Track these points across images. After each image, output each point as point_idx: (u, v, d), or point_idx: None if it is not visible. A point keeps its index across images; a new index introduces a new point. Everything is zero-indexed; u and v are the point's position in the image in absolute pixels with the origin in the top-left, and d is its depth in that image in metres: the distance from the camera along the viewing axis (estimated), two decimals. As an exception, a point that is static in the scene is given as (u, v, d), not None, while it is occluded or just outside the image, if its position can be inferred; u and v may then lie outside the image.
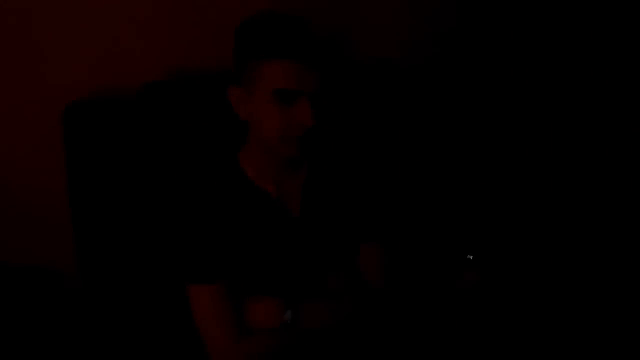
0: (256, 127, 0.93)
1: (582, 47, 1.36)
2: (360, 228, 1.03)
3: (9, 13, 1.01)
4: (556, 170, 1.39)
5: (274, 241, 0.97)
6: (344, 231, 1.02)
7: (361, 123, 1.25)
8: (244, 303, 0.93)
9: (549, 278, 1.21)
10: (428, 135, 1.39)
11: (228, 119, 0.97)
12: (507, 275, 1.21)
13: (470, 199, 1.40)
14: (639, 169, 1.27)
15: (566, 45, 1.38)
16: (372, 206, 1.04)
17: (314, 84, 0.88)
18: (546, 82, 1.42)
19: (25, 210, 1.12)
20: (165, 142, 1.07)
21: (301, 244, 0.98)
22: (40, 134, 1.08)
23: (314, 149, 0.99)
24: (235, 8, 1.09)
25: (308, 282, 0.98)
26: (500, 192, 1.43)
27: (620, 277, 1.20)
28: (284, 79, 0.86)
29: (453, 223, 1.35)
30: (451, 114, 1.43)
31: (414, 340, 1.02)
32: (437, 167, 1.40)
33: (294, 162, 0.99)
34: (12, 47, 1.03)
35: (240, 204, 0.96)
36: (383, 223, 1.05)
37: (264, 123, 0.90)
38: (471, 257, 1.28)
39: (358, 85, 1.26)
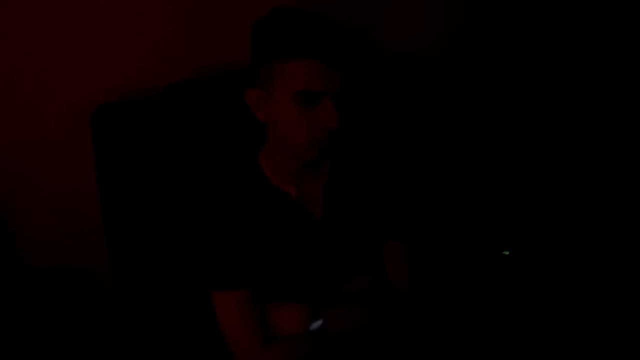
0: (277, 129, 0.90)
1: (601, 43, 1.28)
2: (385, 227, 1.00)
3: (37, 19, 1.03)
4: (599, 164, 1.32)
5: (297, 244, 0.96)
6: (368, 231, 0.99)
7: (382, 120, 1.21)
8: (268, 309, 0.93)
9: (588, 278, 1.15)
10: (458, 128, 1.34)
11: (250, 120, 0.95)
12: (543, 274, 1.16)
13: (505, 192, 1.35)
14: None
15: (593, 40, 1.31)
16: (397, 204, 1.01)
17: (337, 84, 0.84)
18: (572, 77, 1.34)
19: (58, 211, 1.15)
20: (190, 143, 1.08)
21: (324, 246, 0.97)
22: (70, 136, 1.11)
23: (336, 148, 0.97)
24: (258, 4, 1.07)
25: (332, 286, 0.97)
26: (535, 185, 1.37)
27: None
28: (306, 79, 0.83)
29: (486, 217, 1.31)
30: (479, 108, 1.38)
31: (441, 344, 1.00)
32: (467, 161, 1.35)
33: (315, 163, 0.96)
34: (40, 53, 1.05)
35: (262, 208, 0.95)
36: (408, 220, 1.02)
37: (286, 126, 0.88)
38: (507, 252, 1.23)
39: (378, 81, 1.23)
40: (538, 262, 1.20)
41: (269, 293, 0.94)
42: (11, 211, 1.12)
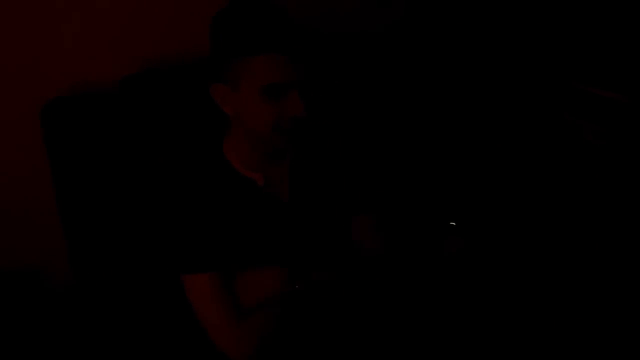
0: (244, 122, 0.92)
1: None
2: (351, 201, 1.05)
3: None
4: (539, 133, 1.43)
5: (265, 227, 0.98)
6: (335, 208, 1.04)
7: (340, 100, 1.26)
8: (245, 274, 0.95)
9: (535, 245, 1.26)
10: (411, 105, 1.41)
11: (211, 109, 0.95)
12: (491, 241, 1.26)
13: (454, 167, 1.44)
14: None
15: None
16: (360, 179, 1.06)
17: (301, 74, 0.87)
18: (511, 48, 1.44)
19: (10, 214, 1.11)
20: (149, 136, 1.07)
21: (293, 227, 1.00)
22: (20, 134, 1.07)
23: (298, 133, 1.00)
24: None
25: (302, 263, 1.00)
26: (483, 158, 1.47)
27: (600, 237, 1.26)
28: (272, 73, 0.85)
29: (436, 191, 1.39)
30: (433, 83, 1.44)
31: (407, 306, 1.06)
32: (420, 136, 1.42)
33: (280, 149, 0.99)
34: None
35: (228, 194, 0.96)
36: (372, 193, 1.07)
37: (254, 118, 0.89)
38: (454, 223, 1.33)
39: (334, 59, 1.27)
40: (483, 231, 1.30)
41: (241, 272, 0.95)
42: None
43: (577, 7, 1.37)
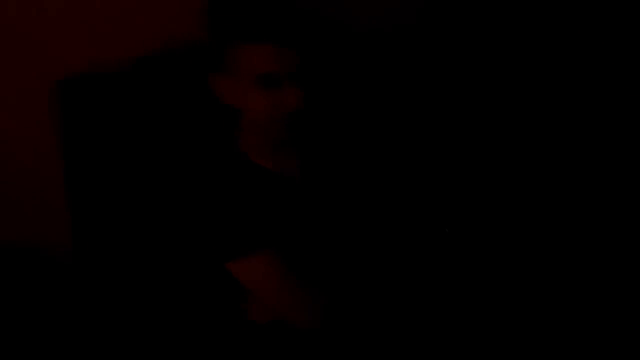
0: (244, 111, 0.92)
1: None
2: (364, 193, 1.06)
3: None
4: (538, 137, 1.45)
5: (286, 217, 0.96)
6: (352, 199, 1.04)
7: (349, 94, 1.25)
8: None
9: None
10: (416, 107, 1.42)
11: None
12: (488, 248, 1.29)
13: (452, 170, 1.46)
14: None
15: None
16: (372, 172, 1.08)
17: (299, 66, 0.87)
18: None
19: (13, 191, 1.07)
20: (161, 119, 1.04)
21: (312, 218, 0.99)
22: (31, 111, 1.03)
23: (308, 127, 0.99)
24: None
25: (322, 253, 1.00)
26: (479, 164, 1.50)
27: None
28: (268, 63, 0.85)
29: (431, 196, 1.41)
30: (438, 87, 1.46)
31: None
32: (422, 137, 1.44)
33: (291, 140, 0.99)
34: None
35: (244, 182, 0.95)
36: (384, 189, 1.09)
37: (251, 108, 0.89)
38: (447, 230, 1.34)
39: (343, 58, 1.26)
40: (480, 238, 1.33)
41: None
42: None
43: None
